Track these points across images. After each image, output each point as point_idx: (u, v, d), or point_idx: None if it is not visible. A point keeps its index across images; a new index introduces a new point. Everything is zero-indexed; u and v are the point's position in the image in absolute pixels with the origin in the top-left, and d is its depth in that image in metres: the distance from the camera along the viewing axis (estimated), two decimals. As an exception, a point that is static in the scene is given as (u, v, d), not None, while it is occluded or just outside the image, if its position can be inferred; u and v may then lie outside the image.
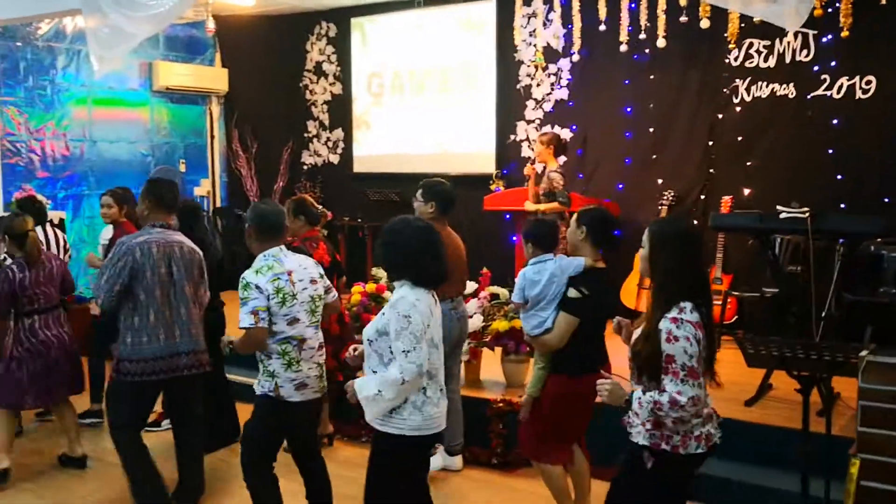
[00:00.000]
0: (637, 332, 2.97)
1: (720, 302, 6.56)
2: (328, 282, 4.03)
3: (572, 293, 3.81)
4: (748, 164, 7.07)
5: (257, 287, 3.67)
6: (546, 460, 4.02)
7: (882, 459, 2.49)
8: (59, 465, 5.31)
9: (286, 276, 3.74)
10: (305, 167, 10.05)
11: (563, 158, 7.04)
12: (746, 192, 7.00)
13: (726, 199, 6.77)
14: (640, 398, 2.83)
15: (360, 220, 9.30)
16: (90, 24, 7.33)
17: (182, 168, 10.00)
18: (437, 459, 4.99)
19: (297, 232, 5.22)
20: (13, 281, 4.91)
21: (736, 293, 6.74)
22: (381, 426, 3.31)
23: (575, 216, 3.91)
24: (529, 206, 6.95)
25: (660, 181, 7.46)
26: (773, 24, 4.63)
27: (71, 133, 8.84)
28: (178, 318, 4.30)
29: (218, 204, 10.32)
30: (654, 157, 7.55)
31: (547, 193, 6.79)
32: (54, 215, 7.83)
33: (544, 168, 6.99)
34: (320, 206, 5.97)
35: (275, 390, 3.76)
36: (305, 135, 10.03)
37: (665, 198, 7.21)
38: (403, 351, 3.16)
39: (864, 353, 2.63)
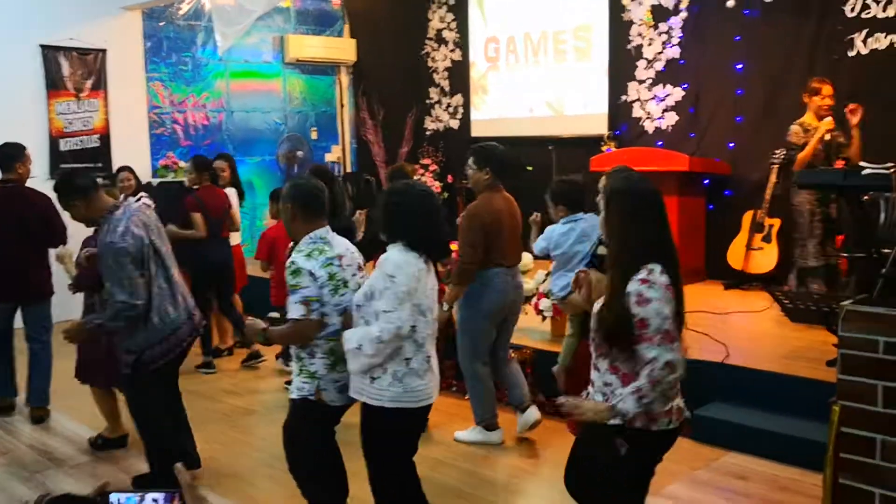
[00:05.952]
0: (599, 302, 2.82)
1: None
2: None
3: (602, 250, 3.47)
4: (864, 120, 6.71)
5: (310, 273, 3.27)
6: None
7: (860, 406, 2.48)
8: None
9: (337, 260, 3.38)
10: (428, 133, 10.36)
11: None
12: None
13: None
14: (621, 397, 2.65)
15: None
16: (218, 2, 7.98)
17: (314, 136, 10.61)
18: (530, 414, 4.91)
19: None
20: None
21: (846, 254, 6.49)
22: (358, 397, 3.24)
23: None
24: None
25: (771, 139, 7.23)
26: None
27: (210, 104, 9.59)
28: (173, 288, 4.06)
29: (348, 169, 10.86)
30: (766, 114, 7.33)
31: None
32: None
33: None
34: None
35: (316, 394, 3.38)
36: (427, 101, 10.33)
37: (776, 156, 6.99)
38: (384, 310, 3.08)
39: (845, 302, 2.60)
